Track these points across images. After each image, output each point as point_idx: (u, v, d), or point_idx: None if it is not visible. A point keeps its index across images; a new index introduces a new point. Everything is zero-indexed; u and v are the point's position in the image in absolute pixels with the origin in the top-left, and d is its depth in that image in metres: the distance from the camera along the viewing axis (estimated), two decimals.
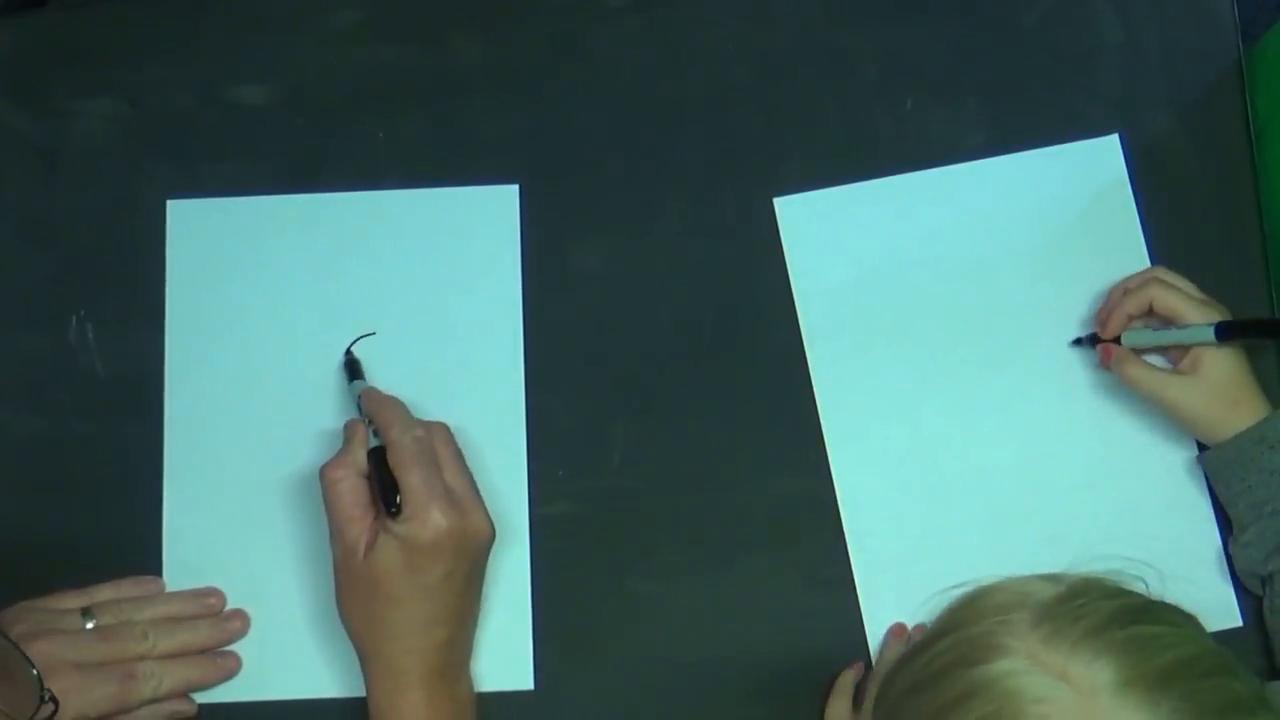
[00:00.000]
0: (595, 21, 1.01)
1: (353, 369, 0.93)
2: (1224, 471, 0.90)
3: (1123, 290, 0.93)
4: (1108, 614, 0.66)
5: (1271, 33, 1.01)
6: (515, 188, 0.98)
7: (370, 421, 0.86)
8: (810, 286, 0.97)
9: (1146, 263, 0.96)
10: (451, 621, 0.84)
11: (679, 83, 1.00)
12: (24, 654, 0.77)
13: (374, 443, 0.85)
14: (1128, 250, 0.97)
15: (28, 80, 0.99)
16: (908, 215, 0.98)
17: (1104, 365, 0.92)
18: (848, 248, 0.97)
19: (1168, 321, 0.91)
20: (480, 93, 1.00)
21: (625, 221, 0.98)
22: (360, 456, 0.84)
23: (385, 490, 0.82)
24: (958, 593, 0.72)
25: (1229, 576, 0.91)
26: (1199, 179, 0.99)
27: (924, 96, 1.00)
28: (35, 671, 0.77)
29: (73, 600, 0.86)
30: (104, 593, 0.88)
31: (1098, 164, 0.98)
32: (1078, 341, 0.95)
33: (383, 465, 0.83)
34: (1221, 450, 0.89)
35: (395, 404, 0.86)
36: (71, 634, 0.84)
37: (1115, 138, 0.98)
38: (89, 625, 0.85)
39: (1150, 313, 0.92)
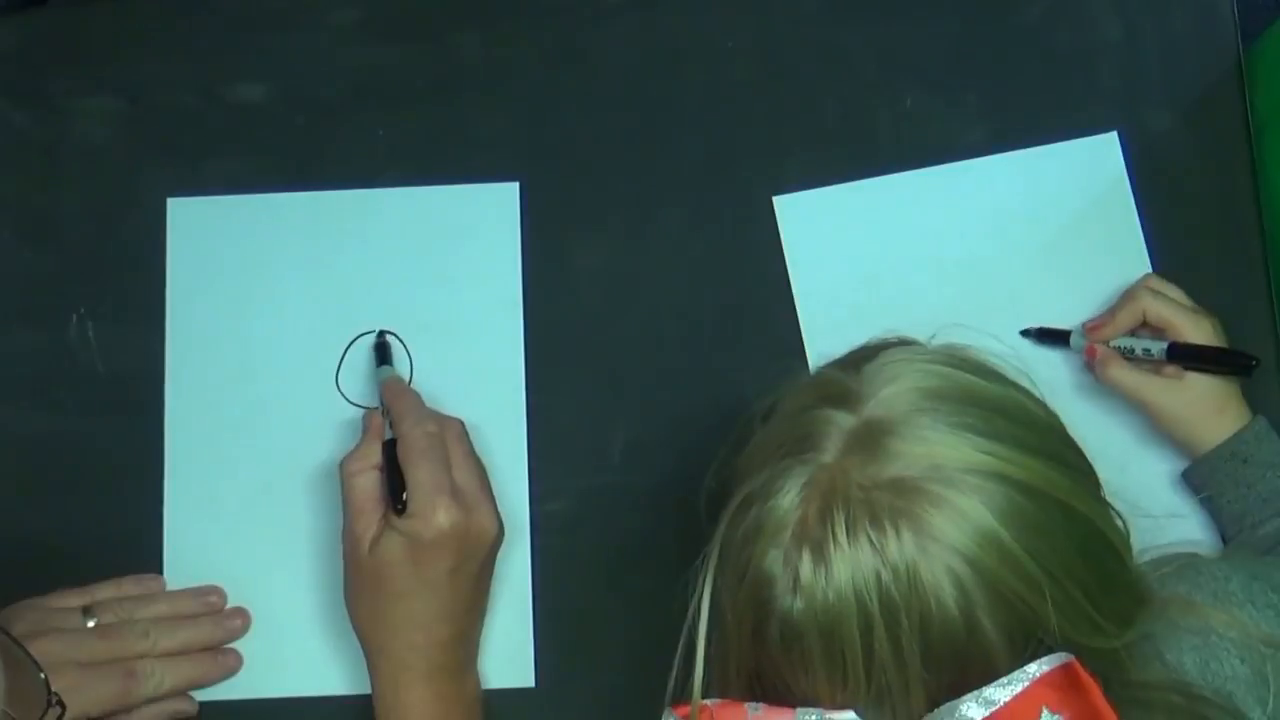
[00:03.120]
0: (594, 19, 1.01)
1: (382, 352, 0.93)
2: (1204, 487, 0.90)
3: (1115, 308, 0.93)
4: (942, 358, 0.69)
5: (1271, 31, 1.01)
6: (515, 185, 0.98)
7: (387, 413, 0.86)
8: (810, 284, 0.97)
9: (1145, 260, 0.96)
10: (456, 619, 0.84)
11: (678, 81, 1.00)
12: (32, 657, 0.77)
13: (389, 436, 0.85)
14: (1127, 247, 0.97)
15: (28, 78, 0.99)
16: (907, 213, 0.98)
17: (1088, 366, 0.92)
18: (847, 246, 0.97)
19: (1160, 331, 0.91)
20: (480, 90, 1.00)
21: (625, 219, 0.98)
22: (376, 449, 0.85)
23: (393, 486, 0.82)
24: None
25: None
26: (1198, 177, 0.99)
27: (923, 94, 1.00)
28: (43, 675, 0.76)
29: (74, 599, 0.86)
30: (105, 591, 0.88)
31: (1097, 161, 0.98)
32: (1025, 333, 0.95)
33: (393, 459, 0.83)
34: (1199, 466, 0.89)
35: (411, 396, 0.87)
36: (72, 632, 0.84)
37: (1114, 135, 0.99)
38: (90, 624, 0.85)
39: (1144, 324, 0.92)
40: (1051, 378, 0.93)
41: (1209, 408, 0.89)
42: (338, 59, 1.00)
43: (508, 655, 0.90)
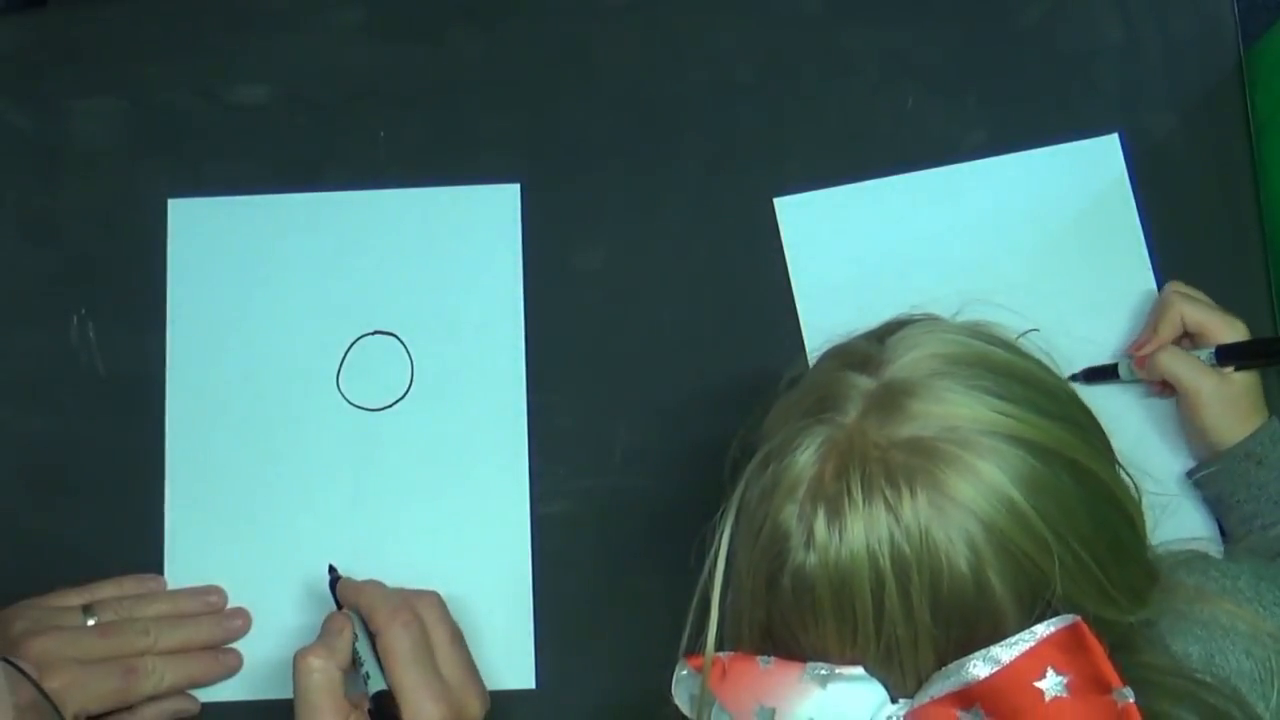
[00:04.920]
0: (596, 20, 1.01)
1: (333, 578, 0.88)
2: (1214, 487, 0.90)
3: (1153, 322, 0.92)
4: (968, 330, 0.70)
5: (1271, 33, 1.01)
6: (516, 187, 0.98)
7: (355, 608, 0.83)
8: (810, 286, 0.97)
9: (1146, 261, 0.96)
10: None
11: (679, 82, 1.00)
12: (44, 690, 0.77)
13: (365, 651, 0.81)
14: (1128, 249, 0.97)
15: (29, 79, 0.99)
16: (908, 215, 0.98)
17: (1140, 374, 0.91)
18: (848, 247, 0.97)
19: (1196, 337, 0.90)
20: (481, 91, 1.00)
21: (626, 221, 0.98)
22: (341, 649, 0.81)
23: None
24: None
25: None
26: (1199, 178, 0.99)
27: (924, 96, 1.00)
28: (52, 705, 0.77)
29: (74, 598, 0.86)
30: (105, 590, 0.88)
31: (1098, 163, 0.98)
32: (1074, 377, 0.93)
33: (388, 708, 0.79)
34: (1210, 466, 0.89)
35: (372, 588, 0.83)
36: (72, 630, 0.84)
37: (1115, 137, 0.99)
38: (90, 622, 0.85)
39: (1184, 332, 0.91)
40: None
41: (1243, 407, 0.89)
42: (338, 59, 1.00)
43: (508, 655, 0.90)
